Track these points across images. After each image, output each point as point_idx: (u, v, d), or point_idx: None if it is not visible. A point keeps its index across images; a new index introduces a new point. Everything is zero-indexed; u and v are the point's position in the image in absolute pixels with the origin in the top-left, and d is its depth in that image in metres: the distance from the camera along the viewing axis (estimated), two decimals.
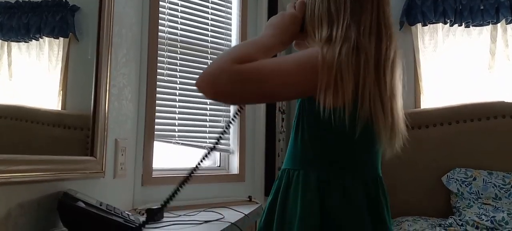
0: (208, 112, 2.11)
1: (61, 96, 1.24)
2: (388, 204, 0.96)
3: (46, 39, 1.17)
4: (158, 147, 1.90)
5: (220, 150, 2.20)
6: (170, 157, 2.03)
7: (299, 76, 0.85)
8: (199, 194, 1.98)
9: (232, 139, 2.24)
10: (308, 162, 0.93)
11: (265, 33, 0.96)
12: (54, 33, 1.20)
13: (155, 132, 1.87)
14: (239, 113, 1.01)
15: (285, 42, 0.97)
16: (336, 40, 0.86)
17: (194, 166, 0.99)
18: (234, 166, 2.23)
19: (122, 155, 1.59)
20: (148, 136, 1.83)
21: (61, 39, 1.23)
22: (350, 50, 0.85)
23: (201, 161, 1.00)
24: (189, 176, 0.98)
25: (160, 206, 1.06)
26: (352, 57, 0.84)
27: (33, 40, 1.12)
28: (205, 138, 2.09)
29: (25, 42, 1.10)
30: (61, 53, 1.23)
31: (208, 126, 2.11)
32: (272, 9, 2.48)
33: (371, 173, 0.94)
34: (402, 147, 0.92)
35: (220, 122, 2.15)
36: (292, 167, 0.96)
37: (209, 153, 1.02)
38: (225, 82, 0.83)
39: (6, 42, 1.03)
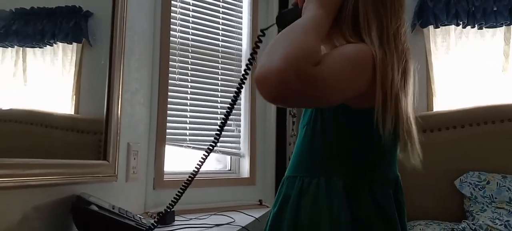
0: (218, 116, 2.13)
1: (74, 101, 1.25)
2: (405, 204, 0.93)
3: (60, 44, 1.18)
4: (170, 150, 1.92)
5: (231, 154, 2.21)
6: (182, 160, 2.04)
7: (356, 80, 0.77)
8: (210, 197, 1.99)
9: (243, 143, 2.24)
10: (330, 168, 0.87)
11: (313, 10, 0.81)
12: (68, 39, 1.22)
13: (167, 136, 1.88)
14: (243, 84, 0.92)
15: (333, 15, 0.84)
16: (384, 40, 0.82)
17: (194, 170, 0.95)
18: (245, 169, 2.23)
19: (134, 158, 1.61)
20: (159, 140, 1.84)
21: (75, 44, 1.25)
22: (393, 53, 0.82)
23: (200, 165, 0.95)
24: (190, 179, 0.95)
25: (164, 211, 1.02)
26: (397, 62, 0.82)
27: (47, 46, 1.14)
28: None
29: (40, 48, 1.11)
30: (74, 58, 1.24)
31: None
32: None
33: (393, 173, 0.92)
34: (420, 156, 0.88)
35: (231, 126, 2.16)
36: (306, 174, 0.89)
37: (207, 155, 0.96)
38: (297, 87, 0.66)
39: (21, 48, 1.05)
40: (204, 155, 0.97)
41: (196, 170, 0.95)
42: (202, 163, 0.97)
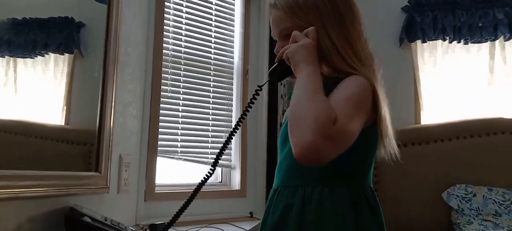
0: (210, 128, 2.13)
1: (64, 112, 1.24)
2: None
3: (52, 55, 1.17)
4: (161, 162, 1.91)
5: (222, 166, 2.21)
6: (173, 172, 2.03)
7: (364, 114, 0.87)
8: (201, 209, 1.98)
9: (234, 155, 2.24)
10: (332, 179, 0.93)
11: (306, 70, 0.88)
12: (59, 49, 1.21)
13: (158, 148, 1.87)
14: (239, 125, 1.02)
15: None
16: (366, 65, 0.94)
17: (198, 184, 0.99)
18: (236, 181, 2.23)
19: (126, 170, 1.60)
20: (151, 152, 1.83)
21: (66, 55, 1.24)
22: (374, 72, 0.95)
23: (206, 179, 0.99)
24: (194, 195, 0.98)
25: (165, 224, 1.06)
26: (378, 79, 0.95)
27: (38, 56, 1.13)
28: (207, 153, 2.10)
29: (31, 58, 1.11)
30: (66, 69, 1.23)
31: (210, 141, 2.12)
32: None
33: (371, 181, 1.01)
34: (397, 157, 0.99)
35: (222, 138, 2.16)
36: (307, 184, 0.94)
37: (213, 170, 1.01)
38: (332, 148, 0.77)
39: (12, 58, 1.04)
40: (211, 169, 1.01)
41: (203, 180, 1.00)
42: (209, 176, 1.01)
